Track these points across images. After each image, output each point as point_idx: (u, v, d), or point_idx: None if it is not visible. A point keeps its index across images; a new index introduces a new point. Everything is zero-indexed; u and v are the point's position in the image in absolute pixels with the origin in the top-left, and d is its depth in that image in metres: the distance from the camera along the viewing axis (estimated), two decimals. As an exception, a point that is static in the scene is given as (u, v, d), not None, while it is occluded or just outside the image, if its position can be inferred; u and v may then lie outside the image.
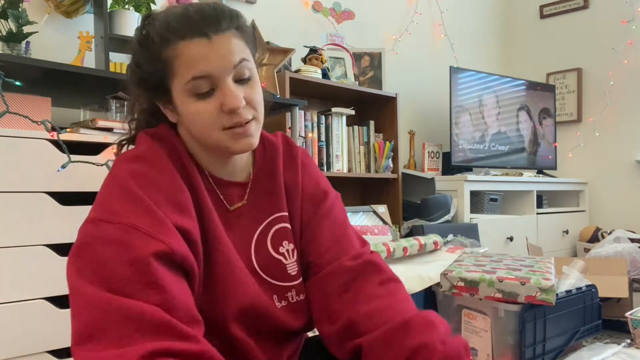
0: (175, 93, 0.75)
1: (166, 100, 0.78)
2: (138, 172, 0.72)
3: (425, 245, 2.04)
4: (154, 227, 0.67)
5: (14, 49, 1.50)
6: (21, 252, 1.23)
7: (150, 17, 0.76)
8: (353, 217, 2.41)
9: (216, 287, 0.77)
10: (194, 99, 0.74)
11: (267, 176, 0.88)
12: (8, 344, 1.20)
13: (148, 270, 0.64)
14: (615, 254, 2.61)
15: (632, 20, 3.45)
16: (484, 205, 2.96)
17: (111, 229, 0.66)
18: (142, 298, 0.63)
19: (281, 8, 2.58)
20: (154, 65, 0.74)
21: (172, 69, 0.74)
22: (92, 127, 1.42)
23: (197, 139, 0.79)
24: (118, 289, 0.62)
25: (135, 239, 0.66)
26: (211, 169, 0.83)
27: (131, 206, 0.68)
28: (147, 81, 0.77)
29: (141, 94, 0.81)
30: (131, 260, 0.64)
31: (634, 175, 3.46)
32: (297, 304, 0.86)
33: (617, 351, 1.68)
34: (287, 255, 0.87)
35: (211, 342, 0.74)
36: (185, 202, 0.74)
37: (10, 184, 1.23)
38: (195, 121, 0.75)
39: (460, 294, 1.58)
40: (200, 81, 0.73)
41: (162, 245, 0.66)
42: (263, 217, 0.86)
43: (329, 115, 2.42)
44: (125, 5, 1.77)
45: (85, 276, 0.64)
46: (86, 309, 0.62)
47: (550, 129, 3.57)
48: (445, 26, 3.46)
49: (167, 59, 0.73)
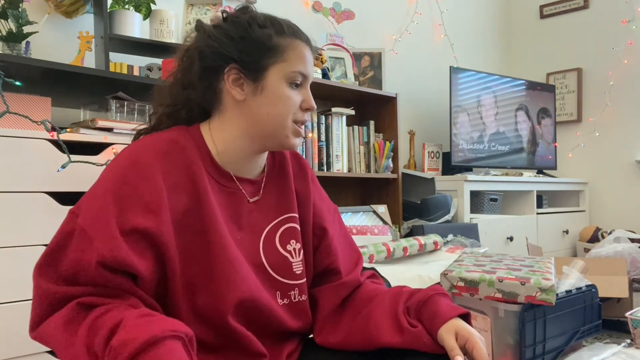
0: (273, 75, 0.84)
1: (251, 77, 0.83)
2: (117, 171, 0.78)
3: (425, 245, 2.04)
4: (100, 232, 0.73)
5: (14, 49, 1.50)
6: (21, 252, 1.23)
7: (248, 9, 0.87)
8: (353, 217, 2.41)
9: (215, 280, 0.79)
10: (287, 86, 0.85)
11: (278, 178, 0.94)
12: (8, 344, 1.20)
13: (86, 272, 0.71)
14: (615, 254, 2.61)
15: (632, 20, 3.45)
16: (484, 205, 2.96)
17: (73, 222, 0.75)
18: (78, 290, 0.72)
19: (281, 8, 2.57)
20: (262, 44, 0.83)
21: (281, 55, 0.84)
22: (92, 127, 1.42)
23: (259, 125, 0.85)
24: (71, 281, 0.72)
25: (81, 240, 0.73)
26: (231, 168, 0.87)
27: (95, 203, 0.75)
28: (243, 53, 0.83)
29: (201, 74, 0.85)
30: (76, 259, 0.72)
31: (634, 175, 3.46)
32: (299, 304, 0.89)
33: (617, 351, 1.68)
34: (293, 253, 0.90)
35: (209, 334, 0.79)
36: (156, 202, 0.76)
37: (10, 184, 1.23)
38: (279, 104, 0.84)
39: (460, 294, 1.58)
40: (300, 75, 0.85)
41: (101, 253, 0.71)
42: (274, 215, 0.91)
43: (329, 115, 2.42)
44: (125, 5, 1.77)
45: (44, 268, 0.74)
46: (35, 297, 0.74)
47: (549, 129, 3.57)
48: (445, 26, 3.46)
49: (278, 46, 0.84)
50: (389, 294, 0.90)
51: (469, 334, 0.79)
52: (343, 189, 2.76)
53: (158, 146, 0.81)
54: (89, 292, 0.72)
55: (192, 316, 0.79)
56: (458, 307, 0.84)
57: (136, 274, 0.73)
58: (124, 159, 0.79)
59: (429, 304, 0.84)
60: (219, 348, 0.81)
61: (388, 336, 0.82)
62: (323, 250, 0.95)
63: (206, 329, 0.79)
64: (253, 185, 0.90)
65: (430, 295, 0.85)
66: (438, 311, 0.82)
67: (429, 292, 0.86)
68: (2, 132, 1.22)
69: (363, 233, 2.12)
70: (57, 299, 0.72)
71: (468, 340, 0.79)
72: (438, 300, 0.84)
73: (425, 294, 0.86)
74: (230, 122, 0.86)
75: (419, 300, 0.85)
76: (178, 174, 0.80)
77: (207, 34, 0.85)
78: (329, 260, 0.94)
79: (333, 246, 0.95)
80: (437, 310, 0.82)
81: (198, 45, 0.85)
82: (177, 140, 0.83)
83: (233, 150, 0.86)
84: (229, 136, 0.86)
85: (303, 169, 0.98)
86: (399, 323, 0.82)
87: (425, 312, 0.83)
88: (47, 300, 0.72)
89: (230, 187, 0.86)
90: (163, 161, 0.79)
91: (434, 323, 0.81)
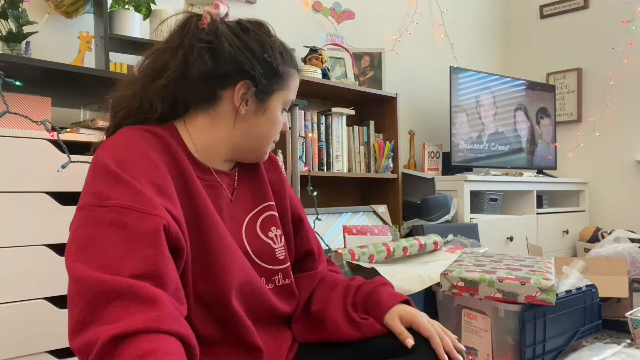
0: (276, 100, 0.90)
1: (259, 96, 0.87)
2: (119, 157, 0.75)
3: (425, 245, 2.04)
4: (146, 205, 0.70)
5: (14, 49, 1.50)
6: (21, 252, 1.23)
7: (264, 26, 0.90)
8: (353, 217, 2.41)
9: (215, 265, 0.81)
10: (281, 111, 0.92)
11: (250, 171, 0.97)
12: (8, 344, 1.20)
13: (145, 246, 0.67)
14: (615, 254, 2.61)
15: (632, 20, 3.45)
16: (484, 205, 2.96)
17: (105, 212, 0.69)
18: (136, 273, 0.65)
19: (281, 8, 2.58)
20: (277, 70, 0.88)
21: (285, 83, 0.90)
22: (92, 127, 1.42)
23: (245, 139, 0.89)
24: (114, 269, 0.64)
25: (130, 218, 0.68)
26: (207, 162, 0.88)
27: (119, 188, 0.71)
28: (260, 74, 0.86)
29: (208, 74, 0.83)
30: (127, 238, 0.67)
31: (634, 175, 3.46)
32: (284, 287, 0.94)
33: (617, 351, 1.69)
34: (275, 239, 0.94)
35: (213, 320, 0.81)
36: (166, 187, 0.76)
37: (10, 184, 1.22)
38: (275, 126, 0.91)
39: (460, 294, 1.58)
40: (291, 103, 0.94)
41: (156, 221, 0.69)
42: (252, 205, 0.94)
43: (329, 115, 2.42)
44: (125, 5, 1.77)
45: (82, 262, 0.66)
46: (83, 296, 0.63)
47: (548, 128, 3.57)
48: (445, 26, 3.46)
49: (284, 73, 0.89)
50: (340, 290, 0.96)
51: (411, 315, 0.87)
52: (343, 189, 2.76)
53: (142, 135, 0.81)
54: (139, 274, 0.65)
55: (195, 302, 0.80)
56: (399, 295, 0.93)
57: (180, 248, 0.74)
58: (121, 148, 0.77)
59: (372, 297, 0.92)
60: (219, 341, 0.82)
61: (345, 333, 0.90)
62: (302, 237, 1.02)
63: (208, 315, 0.81)
64: (228, 178, 0.92)
65: (372, 288, 0.93)
66: (380, 302, 0.90)
67: (371, 284, 0.95)
68: (2, 132, 1.22)
69: (363, 233, 2.12)
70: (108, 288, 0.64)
71: (413, 321, 0.86)
72: (380, 292, 0.92)
73: (368, 287, 0.94)
74: (222, 128, 0.87)
75: (363, 295, 0.93)
76: (167, 162, 0.80)
77: (224, 37, 0.84)
78: (308, 247, 1.02)
79: (310, 233, 1.04)
80: (380, 301, 0.91)
81: (213, 45, 0.83)
82: (154, 131, 0.83)
83: (211, 152, 0.88)
84: (214, 140, 0.87)
85: (273, 161, 1.03)
86: (352, 318, 0.91)
87: (370, 305, 0.91)
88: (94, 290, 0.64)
89: (210, 180, 0.87)
90: (152, 151, 0.79)
91: (378, 313, 0.90)
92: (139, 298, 0.63)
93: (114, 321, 0.61)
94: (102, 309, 0.62)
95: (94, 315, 0.62)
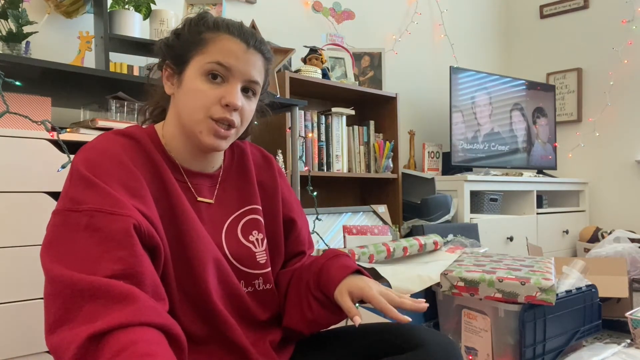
0: (192, 68, 0.83)
1: (177, 70, 0.85)
2: (93, 161, 0.77)
3: (425, 245, 2.04)
4: (116, 206, 0.71)
5: (14, 49, 1.50)
6: (21, 252, 1.23)
7: (203, 13, 0.87)
8: (353, 217, 2.41)
9: (194, 265, 0.81)
10: (204, 79, 0.82)
11: (238, 172, 0.95)
12: (8, 344, 1.20)
13: (118, 247, 0.68)
14: (615, 254, 2.61)
15: (632, 20, 3.45)
16: (484, 205, 2.96)
17: (78, 217, 0.71)
18: (110, 273, 0.66)
19: (281, 8, 2.58)
20: (190, 38, 0.83)
21: (203, 47, 0.82)
22: (92, 127, 1.42)
23: (181, 120, 0.85)
24: (90, 270, 0.66)
25: (102, 221, 0.70)
26: (183, 161, 0.88)
27: (91, 192, 0.73)
28: (173, 48, 0.85)
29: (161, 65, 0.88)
30: (100, 241, 0.68)
31: (634, 175, 3.46)
32: (264, 292, 0.92)
33: (617, 351, 1.68)
34: (256, 243, 0.92)
35: (199, 318, 0.81)
36: (138, 189, 0.77)
37: (10, 184, 1.22)
38: (191, 98, 0.82)
39: (460, 294, 1.58)
40: (220, 67, 0.81)
41: (126, 221, 0.70)
42: (234, 208, 0.92)
43: (329, 115, 2.42)
44: (125, 5, 1.77)
45: (58, 263, 0.67)
46: (59, 296, 0.65)
47: (545, 128, 3.57)
48: (445, 26, 3.46)
49: (204, 38, 0.82)
50: (309, 273, 0.93)
51: (360, 289, 0.82)
52: (343, 189, 2.76)
53: (116, 140, 0.82)
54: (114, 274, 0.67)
55: (182, 300, 0.81)
56: (348, 266, 0.88)
57: (156, 247, 0.75)
58: (94, 153, 0.79)
59: (323, 273, 0.89)
60: (207, 339, 0.83)
61: (324, 316, 0.88)
62: (293, 240, 0.99)
63: (195, 313, 0.82)
64: (210, 179, 0.91)
65: (322, 263, 0.90)
66: (329, 277, 0.87)
67: (321, 260, 0.91)
68: (2, 132, 1.22)
69: (363, 233, 2.12)
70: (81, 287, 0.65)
71: (362, 296, 0.82)
72: (329, 266, 0.89)
73: (318, 263, 0.91)
74: (170, 116, 0.89)
75: (316, 273, 0.90)
76: (143, 164, 0.82)
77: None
78: (300, 248, 1.00)
79: (302, 235, 1.01)
80: (329, 276, 0.87)
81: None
82: (132, 135, 0.85)
83: (175, 146, 0.87)
84: (171, 130, 0.88)
85: (268, 161, 1.00)
86: (322, 300, 0.88)
87: (322, 282, 0.88)
88: (68, 291, 0.65)
89: (186, 181, 0.88)
90: (126, 154, 0.81)
91: (329, 290, 0.86)
92: (114, 296, 0.64)
93: (90, 320, 0.62)
94: (78, 308, 0.64)
95: (70, 314, 0.64)
